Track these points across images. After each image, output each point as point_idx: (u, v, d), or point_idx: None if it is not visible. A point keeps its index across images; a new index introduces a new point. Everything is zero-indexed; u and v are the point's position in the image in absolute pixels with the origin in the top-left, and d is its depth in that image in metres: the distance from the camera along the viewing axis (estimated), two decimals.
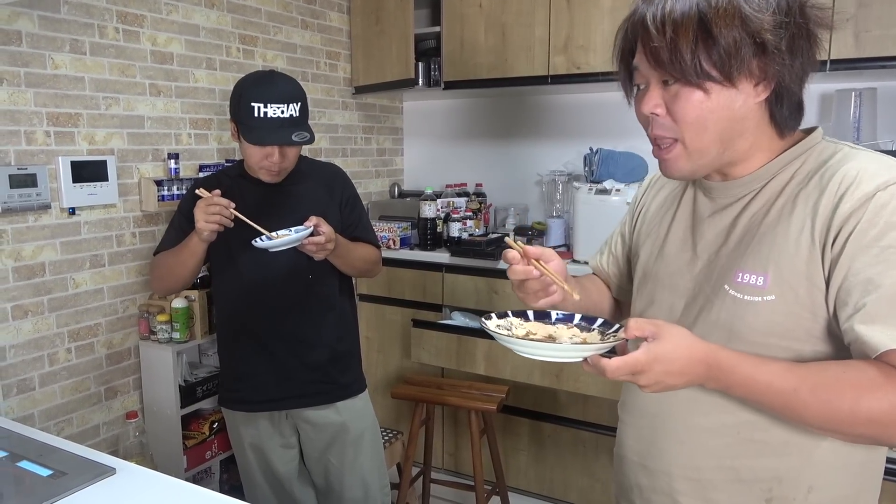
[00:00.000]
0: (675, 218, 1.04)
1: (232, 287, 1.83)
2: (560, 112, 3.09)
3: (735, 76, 0.84)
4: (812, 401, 0.80)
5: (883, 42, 2.07)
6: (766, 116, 0.89)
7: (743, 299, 0.89)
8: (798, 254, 0.86)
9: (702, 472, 0.96)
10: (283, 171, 1.78)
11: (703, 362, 0.82)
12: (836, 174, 0.86)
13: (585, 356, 0.83)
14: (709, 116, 0.86)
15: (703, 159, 0.90)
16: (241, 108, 1.69)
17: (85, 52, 2.02)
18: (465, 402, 2.36)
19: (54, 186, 1.96)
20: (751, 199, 0.94)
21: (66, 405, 2.05)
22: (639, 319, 0.83)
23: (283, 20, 2.75)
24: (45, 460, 1.20)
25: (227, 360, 1.92)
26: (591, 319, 0.96)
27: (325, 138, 3.03)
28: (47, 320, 1.99)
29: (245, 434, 1.90)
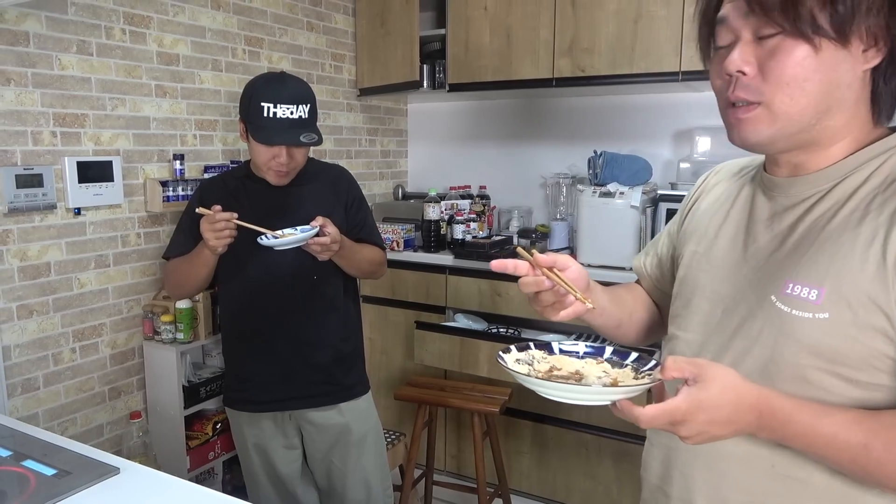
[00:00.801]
0: (727, 218, 0.92)
1: (237, 287, 1.84)
2: (564, 115, 3.09)
3: (849, 34, 0.71)
4: (887, 458, 0.69)
5: None
6: (867, 93, 0.76)
7: (790, 313, 0.77)
8: (864, 269, 0.73)
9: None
10: (290, 172, 1.78)
11: (754, 409, 0.72)
12: None
13: (615, 399, 0.74)
14: (811, 77, 0.73)
15: (789, 127, 0.77)
16: (250, 108, 1.70)
17: (92, 53, 2.03)
18: (468, 404, 2.36)
19: (60, 187, 1.97)
20: (817, 201, 0.80)
21: (70, 405, 2.06)
22: (678, 358, 0.73)
23: (288, 22, 2.76)
24: (49, 460, 1.20)
25: (232, 360, 1.93)
26: (623, 354, 0.86)
27: (330, 140, 3.04)
28: (52, 320, 1.99)
29: (249, 434, 1.90)
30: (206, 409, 2.30)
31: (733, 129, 0.81)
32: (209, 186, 1.89)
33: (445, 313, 2.83)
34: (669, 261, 1.06)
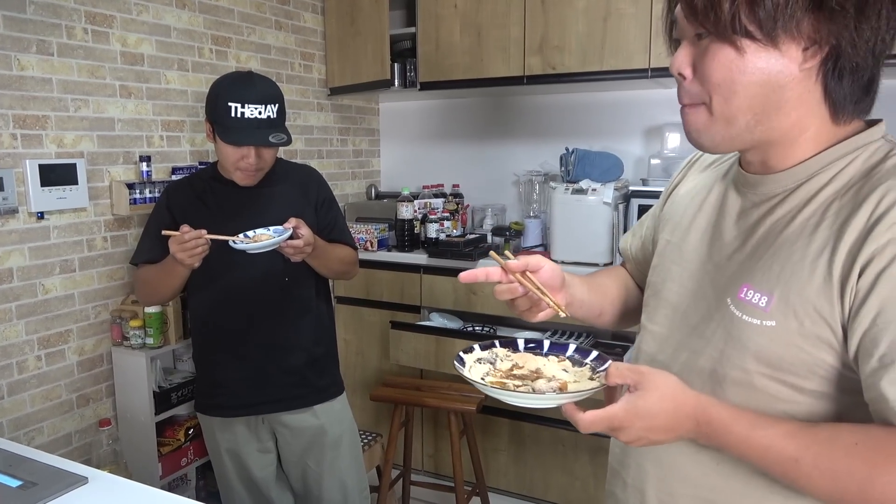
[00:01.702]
0: (700, 209, 0.91)
1: (207, 291, 1.81)
2: (536, 112, 3.10)
3: (778, 35, 0.69)
4: (816, 474, 0.69)
5: None
6: (819, 91, 0.74)
7: (741, 318, 0.78)
8: (811, 280, 0.73)
9: (675, 498, 0.87)
10: (259, 173, 1.75)
11: (691, 418, 0.73)
12: (878, 188, 0.71)
13: (561, 404, 0.78)
14: (738, 79, 0.73)
15: (729, 129, 0.76)
16: (217, 108, 1.67)
17: (52, 53, 1.98)
18: (445, 404, 2.36)
19: (21, 190, 1.92)
20: (780, 202, 0.80)
21: (36, 414, 2.01)
22: (621, 365, 0.76)
23: (256, 21, 2.72)
24: (14, 471, 1.17)
25: (203, 365, 1.89)
26: (584, 353, 0.90)
27: (301, 140, 3.01)
28: (16, 327, 1.94)
29: (222, 439, 1.87)
30: (178, 414, 2.26)
31: (686, 131, 0.82)
32: (176, 189, 1.85)
33: (420, 313, 2.82)
34: (652, 244, 1.05)
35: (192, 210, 1.68)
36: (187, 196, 1.79)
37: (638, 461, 0.92)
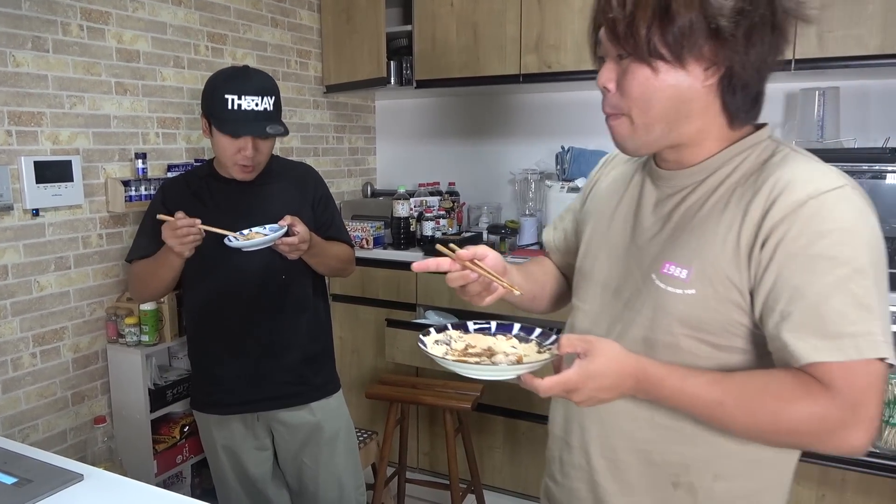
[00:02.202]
0: (621, 200, 1.05)
1: (203, 289, 1.80)
2: (532, 111, 3.11)
3: (685, 58, 0.84)
4: (736, 413, 0.83)
5: (845, 42, 2.12)
6: (718, 103, 0.88)
7: (666, 290, 0.91)
8: (723, 252, 0.87)
9: (616, 453, 0.99)
10: (256, 167, 1.74)
11: (632, 376, 0.85)
12: (770, 177, 0.86)
13: (520, 374, 0.87)
14: (654, 94, 0.86)
15: (648, 136, 0.90)
16: (214, 101, 1.67)
17: (48, 50, 1.98)
18: (440, 401, 2.36)
19: (16, 187, 1.91)
20: (691, 191, 0.94)
21: (31, 411, 2.00)
22: (570, 336, 0.87)
23: (252, 18, 2.72)
24: (9, 468, 1.17)
25: (199, 362, 1.89)
26: (529, 330, 1.00)
27: (297, 137, 3.00)
28: (10, 324, 1.94)
29: (218, 437, 1.87)
30: (173, 412, 2.26)
31: (613, 139, 0.95)
32: (171, 186, 1.84)
33: (416, 310, 2.83)
34: (574, 235, 1.19)
35: (188, 207, 1.67)
36: (183, 193, 1.79)
37: (581, 424, 1.03)
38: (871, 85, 2.40)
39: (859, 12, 2.10)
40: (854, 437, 0.80)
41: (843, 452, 0.82)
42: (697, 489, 0.94)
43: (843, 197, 0.82)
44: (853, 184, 0.85)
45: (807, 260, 0.81)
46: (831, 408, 0.79)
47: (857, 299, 0.79)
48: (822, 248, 0.80)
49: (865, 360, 0.79)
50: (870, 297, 0.79)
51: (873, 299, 0.80)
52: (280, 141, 2.89)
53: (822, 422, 0.80)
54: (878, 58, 2.09)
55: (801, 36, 2.17)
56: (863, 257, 0.80)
